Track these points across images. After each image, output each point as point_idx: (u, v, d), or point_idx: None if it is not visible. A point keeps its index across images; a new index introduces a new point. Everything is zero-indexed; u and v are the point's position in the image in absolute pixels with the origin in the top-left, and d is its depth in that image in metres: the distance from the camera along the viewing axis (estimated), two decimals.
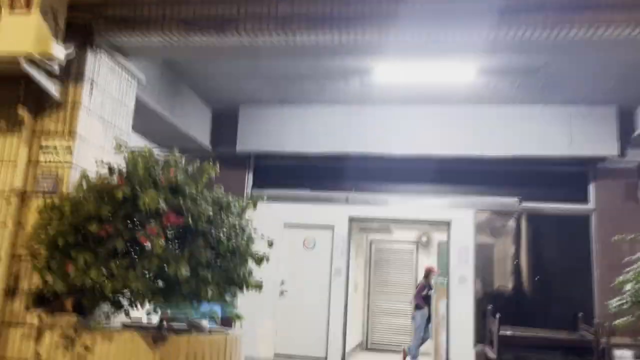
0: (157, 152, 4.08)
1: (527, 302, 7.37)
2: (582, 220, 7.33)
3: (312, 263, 7.93)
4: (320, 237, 7.98)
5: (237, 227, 4.15)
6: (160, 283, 3.79)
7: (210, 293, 3.76)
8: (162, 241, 3.52)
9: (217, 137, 8.17)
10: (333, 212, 7.92)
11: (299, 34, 4.23)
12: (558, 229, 7.44)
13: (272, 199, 8.13)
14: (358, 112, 7.59)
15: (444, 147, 7.35)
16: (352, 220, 7.93)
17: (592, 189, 7.33)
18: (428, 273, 9.15)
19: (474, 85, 6.62)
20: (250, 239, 4.26)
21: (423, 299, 9.01)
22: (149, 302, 3.76)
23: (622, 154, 7.00)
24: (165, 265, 3.60)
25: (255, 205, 4.43)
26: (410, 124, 7.46)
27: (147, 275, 3.65)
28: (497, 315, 6.60)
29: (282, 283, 7.88)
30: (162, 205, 3.56)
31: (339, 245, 7.85)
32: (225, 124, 8.13)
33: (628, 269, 4.70)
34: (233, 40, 4.35)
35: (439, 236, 10.52)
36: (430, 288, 9.11)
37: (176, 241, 3.87)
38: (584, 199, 7.38)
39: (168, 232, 3.73)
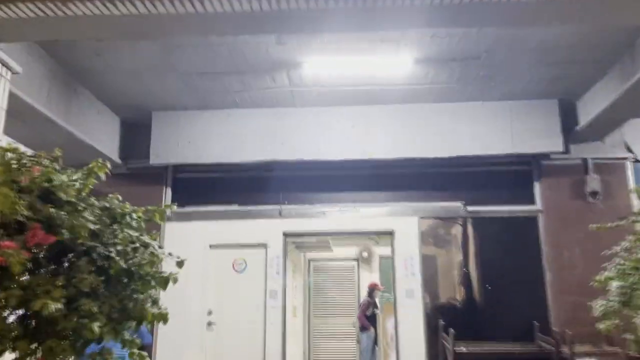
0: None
1: (480, 313, 6.81)
2: (530, 222, 6.92)
3: (243, 287, 6.99)
4: (251, 257, 7.08)
5: (137, 242, 3.21)
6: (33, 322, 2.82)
7: (97, 330, 2.80)
8: (23, 256, 2.55)
9: (128, 149, 7.13)
10: (265, 228, 7.07)
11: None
12: (506, 232, 6.99)
13: (195, 217, 7.22)
14: (287, 115, 6.86)
15: (382, 150, 6.75)
16: (286, 235, 7.10)
17: (537, 188, 6.97)
18: (372, 290, 8.49)
19: (411, 78, 6.09)
20: (154, 257, 3.32)
21: (368, 319, 8.31)
22: (12, 350, 2.76)
23: (567, 150, 6.68)
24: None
25: (161, 216, 3.49)
26: (344, 127, 6.81)
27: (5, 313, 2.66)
28: (451, 331, 5.97)
29: (210, 313, 6.87)
30: (22, 212, 2.59)
31: (274, 265, 6.98)
32: (136, 134, 7.12)
33: (606, 264, 4.18)
34: (124, 10, 3.49)
35: (380, 250, 9.93)
36: (375, 306, 8.43)
37: (51, 264, 2.91)
38: (530, 199, 6.99)
39: (36, 252, 2.77)
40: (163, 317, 3.18)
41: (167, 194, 7.19)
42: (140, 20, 3.62)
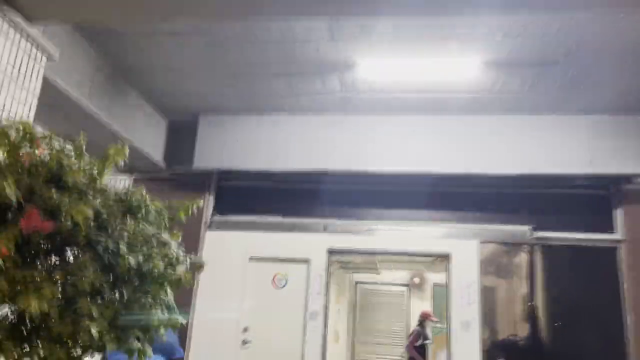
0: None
1: (546, 354, 5.98)
2: (609, 253, 6.07)
3: (282, 305, 6.51)
4: (293, 273, 6.60)
5: (154, 240, 2.81)
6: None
7: (96, 334, 2.40)
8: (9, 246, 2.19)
9: (173, 154, 6.90)
10: (309, 243, 6.58)
11: None
12: (579, 263, 6.16)
13: (236, 226, 6.86)
14: (338, 123, 6.41)
15: (442, 164, 6.14)
16: (331, 252, 6.58)
17: (618, 214, 6.12)
18: (423, 319, 7.78)
19: (477, 85, 5.50)
20: (174, 259, 2.90)
21: (417, 350, 7.59)
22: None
23: None
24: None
25: (186, 212, 3.08)
26: (401, 137, 6.28)
27: None
28: None
29: (246, 330, 6.42)
30: (11, 192, 2.25)
31: (316, 284, 6.47)
32: (182, 138, 6.88)
33: None
34: None
35: (433, 277, 9.21)
36: (426, 337, 7.71)
37: (51, 256, 2.56)
38: (609, 227, 6.15)
39: (34, 241, 2.42)
40: (173, 324, 2.72)
41: (210, 201, 6.88)
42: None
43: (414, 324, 8.29)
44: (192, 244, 6.49)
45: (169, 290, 2.78)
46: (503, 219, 6.38)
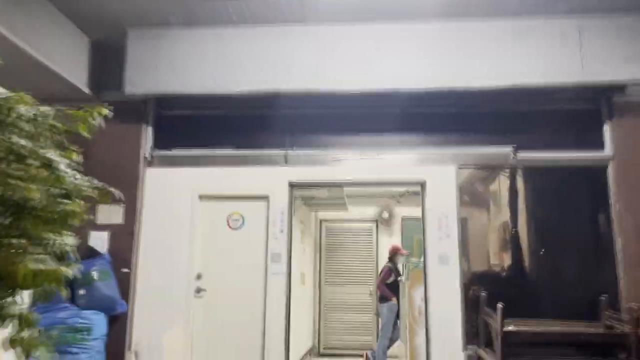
0: None
1: (532, 285, 5.51)
2: (597, 173, 5.53)
3: (240, 248, 5.75)
4: (250, 211, 5.81)
5: (31, 157, 1.93)
6: None
7: None
8: None
9: (100, 79, 5.82)
10: (267, 177, 5.77)
11: None
12: (566, 185, 5.61)
13: (182, 162, 5.96)
14: (295, 34, 5.47)
15: (414, 79, 5.35)
16: (293, 186, 5.80)
17: (609, 129, 5.54)
18: (394, 254, 7.23)
19: None
20: (68, 186, 2.03)
21: (389, 287, 7.07)
22: None
23: None
24: None
25: (88, 126, 2.19)
26: (366, 49, 5.41)
27: None
28: (499, 306, 4.68)
29: (199, 277, 5.67)
30: None
31: (277, 223, 5.71)
32: (110, 57, 5.81)
33: None
34: None
35: (402, 211, 8.64)
36: (398, 273, 7.18)
37: None
38: (598, 144, 5.58)
39: None
40: (47, 278, 1.89)
41: (148, 133, 5.90)
42: None
43: (383, 262, 7.76)
44: (129, 183, 5.58)
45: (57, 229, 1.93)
46: (483, 141, 5.71)
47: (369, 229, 8.77)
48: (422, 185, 5.73)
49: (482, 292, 5.30)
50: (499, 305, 4.70)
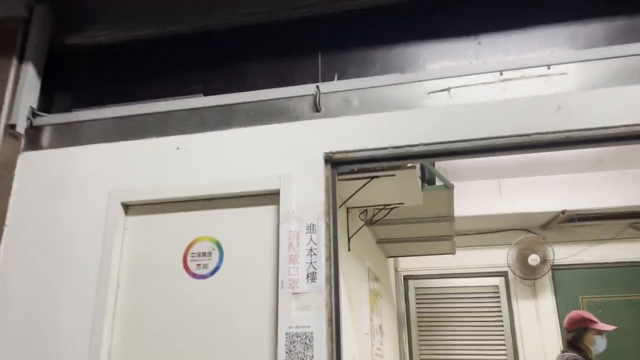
0: None
1: None
2: None
3: (210, 325, 2.30)
4: (235, 232, 2.40)
5: None
6: None
7: None
8: None
9: None
10: (274, 148, 2.42)
11: None
12: None
13: (93, 132, 2.66)
14: None
15: None
16: (335, 164, 2.38)
17: None
18: (580, 329, 3.45)
19: None
20: None
21: None
22: None
23: None
24: None
25: None
26: None
27: None
28: None
29: None
30: None
31: (301, 253, 2.24)
32: None
33: None
34: None
35: (559, 252, 4.93)
36: None
37: None
38: None
39: None
40: None
41: (26, 77, 2.78)
42: None
43: (526, 349, 3.96)
44: None
45: None
46: None
47: (493, 288, 5.03)
48: None
49: None
50: None
